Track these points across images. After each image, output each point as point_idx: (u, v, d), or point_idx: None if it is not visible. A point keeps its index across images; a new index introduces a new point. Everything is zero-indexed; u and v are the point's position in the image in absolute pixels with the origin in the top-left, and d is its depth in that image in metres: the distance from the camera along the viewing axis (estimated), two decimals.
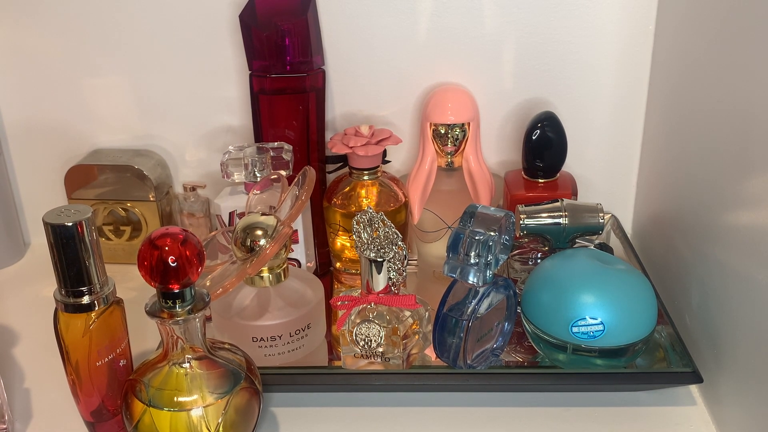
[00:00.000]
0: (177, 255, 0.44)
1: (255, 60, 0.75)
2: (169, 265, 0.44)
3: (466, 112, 0.76)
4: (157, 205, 0.83)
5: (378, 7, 0.78)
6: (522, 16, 0.78)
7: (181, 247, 0.44)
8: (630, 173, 0.85)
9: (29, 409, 0.63)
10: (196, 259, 0.45)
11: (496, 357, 0.64)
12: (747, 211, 0.56)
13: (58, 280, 0.51)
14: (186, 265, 0.45)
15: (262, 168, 0.72)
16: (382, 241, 0.60)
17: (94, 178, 0.83)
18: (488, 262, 0.59)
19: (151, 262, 0.45)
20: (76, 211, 0.49)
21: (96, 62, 0.83)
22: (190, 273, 0.45)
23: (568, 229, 0.69)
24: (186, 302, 0.47)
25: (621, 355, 0.60)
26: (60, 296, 0.51)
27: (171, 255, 0.44)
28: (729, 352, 0.58)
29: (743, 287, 0.56)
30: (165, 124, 0.85)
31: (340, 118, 0.84)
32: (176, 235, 0.45)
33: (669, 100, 0.75)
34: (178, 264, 0.44)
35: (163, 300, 0.47)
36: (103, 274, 0.52)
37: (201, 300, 0.48)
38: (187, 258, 0.45)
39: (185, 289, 0.46)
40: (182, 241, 0.45)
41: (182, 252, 0.44)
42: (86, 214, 0.49)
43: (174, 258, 0.44)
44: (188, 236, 0.46)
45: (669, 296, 0.71)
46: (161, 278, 0.45)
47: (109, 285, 0.52)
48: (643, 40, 0.78)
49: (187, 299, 0.47)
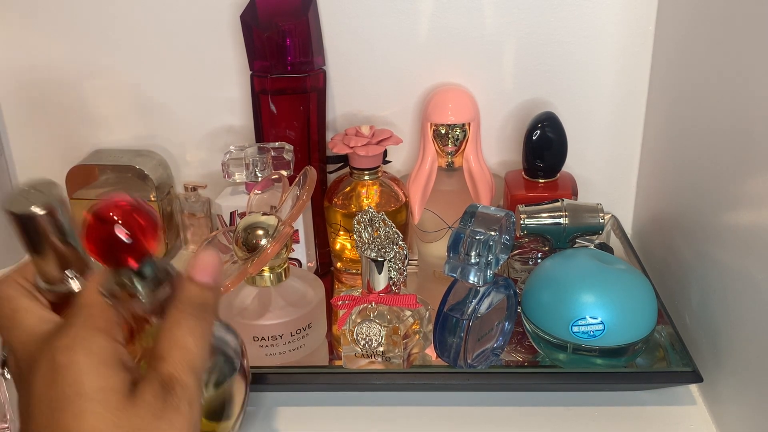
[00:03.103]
0: (130, 227, 0.37)
1: (256, 60, 0.75)
2: (122, 240, 0.37)
3: (466, 113, 0.76)
4: (159, 205, 0.83)
5: (378, 7, 0.78)
6: (522, 17, 0.78)
7: (133, 216, 0.38)
8: (630, 173, 0.85)
9: None
10: (152, 227, 0.38)
11: (497, 357, 0.65)
12: (747, 211, 0.56)
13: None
14: (141, 236, 0.38)
15: (263, 168, 0.72)
16: (382, 240, 0.61)
17: (95, 178, 0.83)
18: (489, 261, 0.59)
19: (100, 239, 0.37)
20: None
21: (97, 62, 0.83)
22: (147, 244, 0.38)
23: (568, 229, 0.69)
24: (147, 279, 0.40)
25: (621, 354, 0.61)
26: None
27: (123, 228, 0.37)
28: (729, 352, 0.58)
29: (743, 287, 0.56)
30: (166, 125, 0.86)
31: (340, 119, 0.84)
32: (124, 205, 0.38)
33: (669, 100, 0.75)
34: (132, 237, 0.37)
35: (121, 278, 0.39)
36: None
37: (164, 273, 0.41)
38: (141, 227, 0.38)
39: (145, 264, 0.39)
40: (133, 209, 0.38)
41: (135, 222, 0.37)
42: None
43: (128, 233, 0.37)
44: (139, 203, 0.39)
45: (669, 296, 0.71)
46: (114, 255, 0.38)
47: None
48: (643, 41, 0.78)
49: (147, 272, 0.40)
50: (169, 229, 0.86)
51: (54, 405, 0.36)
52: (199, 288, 0.40)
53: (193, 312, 0.39)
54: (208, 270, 0.40)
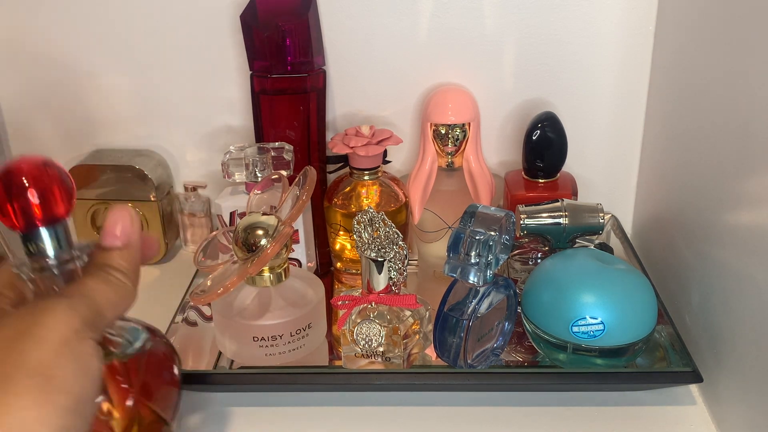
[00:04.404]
0: (39, 185, 0.35)
1: (256, 60, 0.75)
2: (30, 199, 0.35)
3: (466, 113, 0.76)
4: (158, 205, 0.83)
5: (378, 7, 0.78)
6: (522, 17, 0.78)
7: (44, 172, 0.36)
8: (630, 173, 0.85)
9: None
10: (63, 188, 0.36)
11: (497, 357, 0.65)
12: (747, 211, 0.56)
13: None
14: (50, 195, 0.36)
15: (263, 168, 0.72)
16: (382, 240, 0.61)
17: (95, 178, 0.83)
18: (488, 261, 0.59)
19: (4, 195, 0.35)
20: None
21: (97, 62, 0.83)
22: (56, 204, 0.36)
23: (568, 229, 0.69)
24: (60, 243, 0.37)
25: (621, 354, 0.61)
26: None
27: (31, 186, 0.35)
28: (729, 352, 0.58)
29: (743, 287, 0.56)
30: (166, 125, 0.86)
31: (340, 119, 0.84)
32: (36, 162, 0.36)
33: (669, 100, 0.75)
34: (42, 198, 0.35)
35: (33, 245, 0.37)
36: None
37: (80, 248, 0.39)
38: (50, 186, 0.35)
39: (54, 228, 0.37)
40: (44, 164, 0.36)
41: (45, 178, 0.36)
42: None
43: (33, 191, 0.35)
44: (50, 161, 0.37)
45: (669, 296, 0.71)
46: (21, 214, 0.35)
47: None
48: (643, 41, 0.78)
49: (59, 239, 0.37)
50: (169, 229, 0.86)
51: None
52: (112, 252, 0.39)
53: (102, 268, 0.38)
54: (119, 232, 0.39)
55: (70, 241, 0.38)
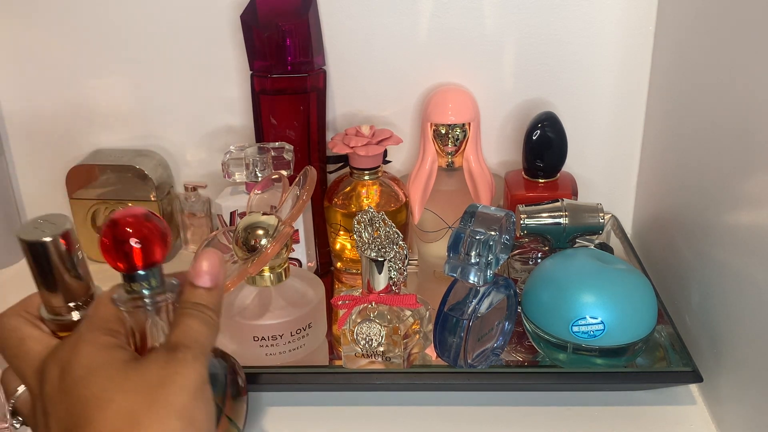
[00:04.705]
0: (140, 234, 0.40)
1: (256, 60, 0.75)
2: (133, 246, 0.40)
3: (466, 113, 0.76)
4: (159, 205, 0.83)
5: (378, 7, 0.78)
6: (522, 17, 0.78)
7: (145, 224, 0.41)
8: (630, 173, 0.85)
9: None
10: (160, 237, 0.42)
11: (497, 356, 0.65)
12: (747, 211, 0.56)
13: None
14: (149, 244, 0.41)
15: (263, 168, 0.72)
16: (382, 240, 0.61)
17: (96, 178, 0.83)
18: (489, 261, 0.59)
19: (113, 242, 0.41)
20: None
21: (97, 62, 0.83)
22: (154, 252, 0.41)
23: (568, 229, 0.69)
24: (155, 287, 0.42)
25: (621, 354, 0.61)
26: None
27: (134, 234, 0.40)
28: (729, 352, 0.58)
29: (743, 287, 0.56)
30: (166, 124, 0.86)
31: (340, 119, 0.84)
32: (138, 214, 0.41)
33: (669, 100, 0.75)
34: (141, 243, 0.41)
35: (131, 285, 0.42)
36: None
37: (170, 285, 0.44)
38: (150, 235, 0.41)
39: (151, 270, 0.42)
40: (145, 218, 0.41)
41: (145, 229, 0.41)
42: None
43: (137, 240, 0.41)
44: (150, 215, 0.42)
45: (669, 296, 0.71)
46: (125, 258, 0.41)
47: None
48: (643, 41, 0.78)
49: (154, 283, 0.42)
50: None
51: (67, 390, 0.38)
52: (200, 290, 0.43)
53: (196, 307, 0.42)
54: (207, 274, 0.43)
55: (164, 280, 0.43)
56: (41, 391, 0.40)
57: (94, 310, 0.42)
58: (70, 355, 0.39)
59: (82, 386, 0.37)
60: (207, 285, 0.43)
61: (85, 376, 0.38)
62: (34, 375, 0.41)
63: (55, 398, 0.38)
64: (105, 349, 0.39)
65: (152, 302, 0.42)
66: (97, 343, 0.39)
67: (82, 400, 0.37)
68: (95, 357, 0.38)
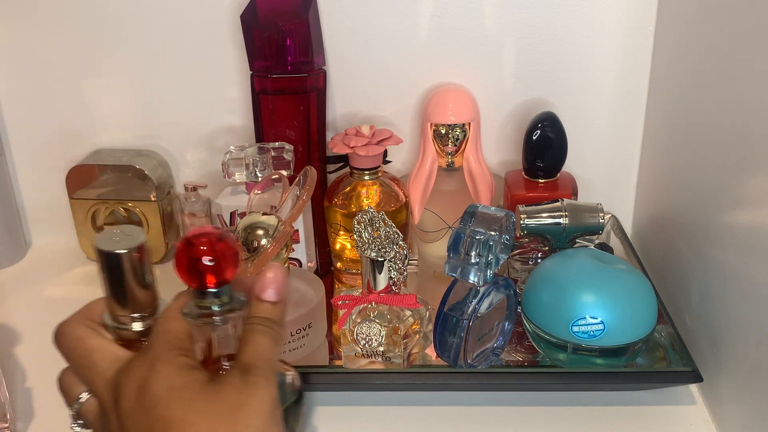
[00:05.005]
0: (213, 254, 0.43)
1: (256, 60, 0.75)
2: (206, 264, 0.43)
3: (466, 113, 0.76)
4: (159, 205, 0.83)
5: (378, 7, 0.78)
6: (522, 17, 0.78)
7: (217, 243, 0.43)
8: (630, 173, 0.85)
9: (31, 409, 0.63)
10: (232, 256, 0.44)
11: (497, 356, 0.65)
12: (747, 211, 0.56)
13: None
14: (222, 262, 0.43)
15: (263, 168, 0.72)
16: (382, 240, 0.61)
17: (96, 178, 0.83)
18: (489, 261, 0.59)
19: (188, 261, 0.43)
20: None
21: (97, 62, 0.83)
22: (226, 271, 0.44)
23: (568, 229, 0.69)
24: (224, 303, 0.45)
25: (621, 354, 0.61)
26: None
27: (207, 253, 0.43)
28: (729, 352, 0.58)
29: (743, 287, 0.56)
30: (166, 124, 0.86)
31: (340, 119, 0.84)
32: (211, 234, 0.44)
33: (669, 100, 0.75)
34: (214, 263, 0.43)
35: (203, 301, 0.44)
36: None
37: (238, 301, 0.46)
38: (222, 254, 0.43)
39: (222, 288, 0.44)
40: (218, 238, 0.43)
41: (218, 249, 0.43)
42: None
43: (210, 258, 0.43)
44: (223, 234, 0.44)
45: (669, 296, 0.71)
46: (197, 276, 0.43)
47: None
48: (643, 41, 0.78)
49: (224, 299, 0.45)
50: (169, 229, 0.86)
51: (148, 408, 0.39)
52: (266, 305, 0.45)
53: (263, 322, 0.44)
54: (274, 289, 0.45)
55: (233, 296, 0.44)
56: (116, 406, 0.41)
57: (165, 325, 0.43)
58: (147, 373, 0.40)
59: (164, 407, 0.39)
60: (273, 299, 0.45)
61: (166, 396, 0.39)
62: (106, 387, 0.42)
63: (135, 416, 0.40)
64: (183, 370, 0.40)
65: (222, 319, 0.44)
66: (174, 364, 0.41)
67: (163, 421, 0.38)
68: (174, 378, 0.40)
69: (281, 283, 0.45)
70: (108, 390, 0.42)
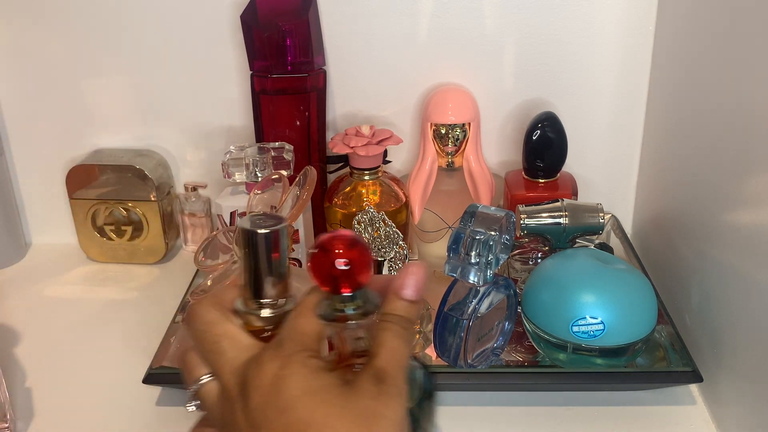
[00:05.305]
0: (348, 258, 0.43)
1: (256, 60, 0.75)
2: (341, 269, 0.43)
3: (466, 113, 0.76)
4: (159, 205, 0.83)
5: (378, 7, 0.78)
6: (522, 17, 0.78)
7: (353, 248, 0.43)
8: (630, 173, 0.85)
9: (31, 409, 0.63)
10: (367, 261, 0.44)
11: (497, 356, 0.65)
12: (747, 211, 0.56)
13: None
14: (357, 267, 0.43)
15: (263, 168, 0.72)
16: (382, 240, 0.61)
17: (96, 178, 0.83)
18: (489, 261, 0.59)
19: (323, 265, 0.43)
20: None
21: (98, 62, 0.83)
22: (360, 275, 0.44)
23: (568, 229, 0.69)
24: (358, 306, 0.45)
25: (621, 354, 0.61)
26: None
27: (343, 258, 0.43)
28: (729, 352, 0.58)
29: (743, 287, 0.56)
30: (166, 125, 0.86)
31: (340, 119, 0.84)
32: (347, 238, 0.44)
33: (669, 100, 0.75)
34: (349, 267, 0.43)
35: (337, 303, 0.45)
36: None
37: (372, 304, 0.46)
38: (357, 259, 0.43)
39: (357, 292, 0.45)
40: (353, 242, 0.44)
41: (354, 253, 0.43)
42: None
43: (346, 261, 0.43)
44: (358, 238, 0.44)
45: (669, 296, 0.71)
46: (332, 281, 0.44)
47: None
48: (643, 41, 0.78)
49: (359, 302, 0.45)
50: (169, 229, 0.86)
51: (283, 408, 0.39)
52: (404, 303, 0.44)
53: (399, 321, 0.43)
54: (413, 287, 0.44)
55: (367, 298, 0.44)
56: (244, 397, 0.41)
57: (296, 321, 0.43)
58: (280, 371, 0.40)
59: (302, 408, 0.39)
60: (411, 298, 0.44)
61: (302, 397, 0.39)
62: (232, 375, 0.42)
63: (267, 413, 0.40)
64: (317, 372, 0.41)
65: (356, 323, 0.44)
66: (308, 366, 0.41)
67: (301, 423, 0.39)
68: (309, 381, 0.40)
69: (422, 282, 0.44)
70: (234, 378, 0.42)
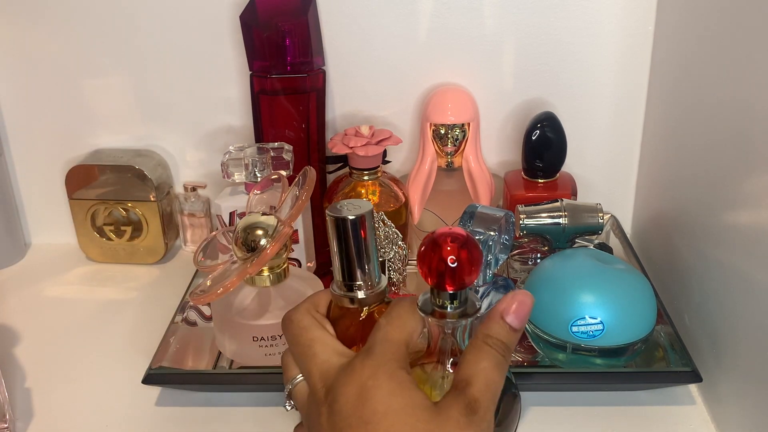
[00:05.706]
0: (457, 256, 0.43)
1: (255, 60, 0.75)
2: (448, 265, 0.43)
3: (466, 113, 0.76)
4: (158, 206, 0.83)
5: (378, 7, 0.78)
6: (522, 17, 0.78)
7: (463, 247, 0.43)
8: (630, 173, 0.85)
9: (30, 409, 0.63)
10: (476, 262, 0.44)
11: None
12: (747, 211, 0.56)
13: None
14: (465, 266, 0.43)
15: (262, 168, 0.72)
16: (382, 241, 0.61)
17: (95, 178, 0.83)
18: (488, 261, 0.59)
19: (431, 261, 0.43)
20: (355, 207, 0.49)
21: (97, 62, 0.83)
22: (466, 276, 0.44)
23: (567, 229, 0.69)
24: (459, 305, 0.45)
25: (620, 354, 0.61)
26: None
27: (451, 255, 0.43)
28: (728, 352, 0.58)
29: (743, 287, 0.56)
30: (166, 125, 0.86)
31: (340, 119, 0.84)
32: (460, 236, 0.44)
33: (669, 100, 0.75)
34: (456, 265, 0.43)
35: (437, 299, 0.45)
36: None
37: (472, 306, 0.46)
38: (466, 259, 0.43)
39: (460, 291, 0.45)
40: (465, 241, 0.44)
41: (463, 252, 0.43)
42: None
43: (454, 258, 0.43)
44: (470, 238, 0.44)
45: (669, 296, 0.71)
46: (439, 276, 0.43)
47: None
48: (642, 41, 0.78)
49: (460, 302, 0.45)
50: (169, 229, 0.86)
51: (367, 420, 0.40)
52: (507, 328, 0.43)
53: (499, 348, 0.43)
54: (520, 315, 0.44)
55: (468, 299, 0.45)
56: (329, 401, 0.42)
57: (385, 330, 0.44)
58: (368, 381, 0.41)
59: (386, 424, 0.39)
60: (514, 325, 0.43)
61: (388, 414, 0.40)
62: (320, 380, 0.43)
63: (351, 420, 0.40)
64: (404, 388, 0.41)
65: (453, 322, 0.44)
66: (396, 379, 0.41)
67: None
68: (396, 397, 0.40)
69: (527, 312, 0.44)
70: (322, 382, 0.43)
